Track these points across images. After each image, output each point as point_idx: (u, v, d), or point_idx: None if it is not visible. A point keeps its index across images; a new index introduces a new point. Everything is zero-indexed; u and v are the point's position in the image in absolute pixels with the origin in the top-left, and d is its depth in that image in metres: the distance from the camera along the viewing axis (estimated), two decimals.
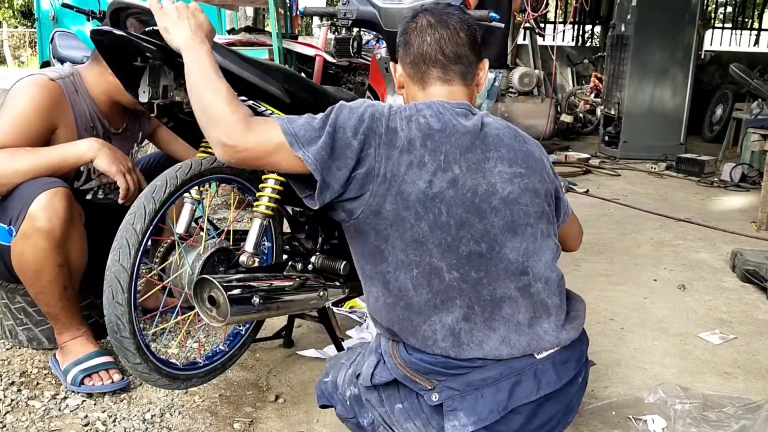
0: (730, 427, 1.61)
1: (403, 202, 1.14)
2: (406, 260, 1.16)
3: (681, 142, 5.84)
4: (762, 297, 2.57)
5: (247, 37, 3.66)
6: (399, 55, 1.34)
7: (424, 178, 1.14)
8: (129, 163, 1.78)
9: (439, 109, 1.21)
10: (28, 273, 1.68)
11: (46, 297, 1.72)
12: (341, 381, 1.34)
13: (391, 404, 1.25)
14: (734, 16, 12.08)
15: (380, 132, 1.16)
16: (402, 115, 1.19)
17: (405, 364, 1.20)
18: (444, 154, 1.16)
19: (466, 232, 1.15)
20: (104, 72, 1.85)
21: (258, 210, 1.59)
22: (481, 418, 1.14)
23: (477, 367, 1.17)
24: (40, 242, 1.64)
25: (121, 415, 1.66)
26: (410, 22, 1.33)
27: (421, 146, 1.16)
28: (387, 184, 1.14)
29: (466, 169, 1.17)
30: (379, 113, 1.18)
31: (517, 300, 1.18)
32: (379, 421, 1.27)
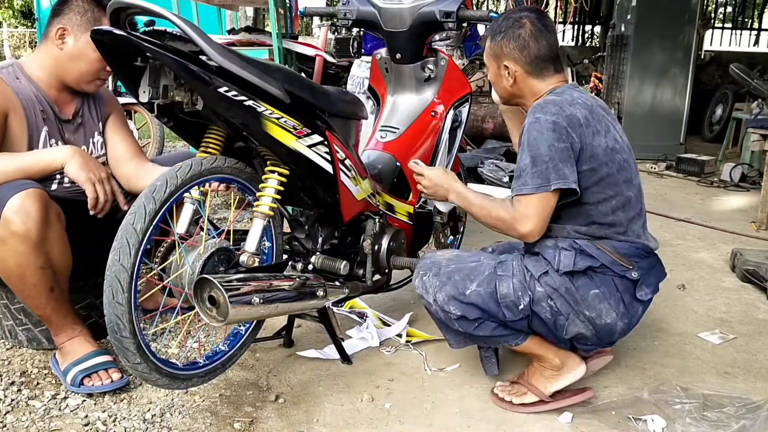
0: (729, 427, 1.61)
1: (597, 160, 1.63)
2: (605, 197, 1.65)
3: (681, 142, 5.84)
4: (762, 297, 2.57)
5: (247, 37, 3.67)
6: (512, 54, 1.71)
7: (602, 140, 1.64)
8: (103, 173, 1.76)
9: (580, 93, 1.70)
10: (11, 278, 1.67)
11: (34, 300, 1.71)
12: (508, 290, 1.64)
13: (585, 292, 1.63)
14: (734, 16, 12.08)
15: (565, 125, 1.60)
16: (567, 105, 1.63)
17: (614, 251, 1.65)
18: (602, 121, 1.66)
19: (632, 171, 1.70)
20: (50, 48, 1.84)
21: (258, 210, 1.59)
22: (654, 288, 1.70)
23: (652, 255, 1.72)
24: (18, 246, 1.61)
25: (121, 414, 1.66)
26: (517, 27, 1.71)
27: (592, 119, 1.64)
28: (585, 154, 1.62)
29: (614, 128, 1.70)
30: (554, 120, 1.60)
31: (644, 213, 1.76)
32: (568, 309, 1.63)
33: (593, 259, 1.62)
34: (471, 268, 1.69)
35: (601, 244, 1.65)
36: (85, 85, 1.89)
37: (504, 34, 1.72)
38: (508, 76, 1.74)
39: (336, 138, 1.69)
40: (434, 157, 2.26)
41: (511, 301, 1.64)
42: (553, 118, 1.60)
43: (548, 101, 1.65)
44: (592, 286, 1.63)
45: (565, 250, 1.63)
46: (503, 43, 1.72)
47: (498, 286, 1.65)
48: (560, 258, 1.62)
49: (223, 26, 4.77)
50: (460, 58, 5.26)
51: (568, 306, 1.62)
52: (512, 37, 1.71)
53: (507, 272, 1.66)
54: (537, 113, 1.63)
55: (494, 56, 1.76)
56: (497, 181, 4.32)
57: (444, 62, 2.26)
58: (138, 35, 1.33)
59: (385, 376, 1.91)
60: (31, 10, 12.85)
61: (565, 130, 1.59)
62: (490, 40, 1.76)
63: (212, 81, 1.36)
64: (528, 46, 1.70)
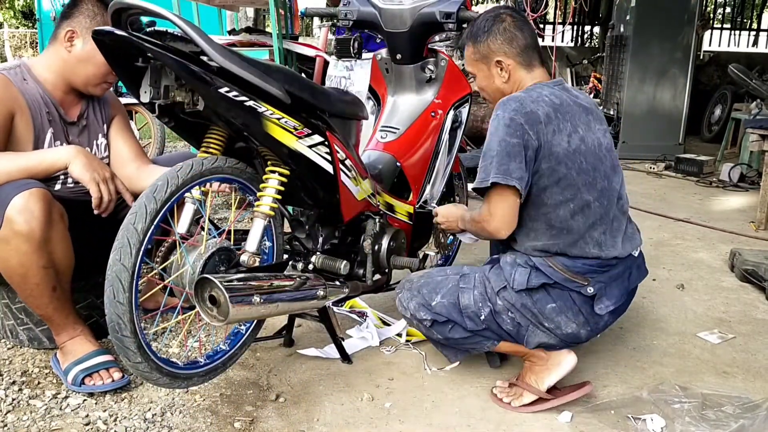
0: (728, 426, 1.62)
1: (555, 159, 1.62)
2: (563, 199, 1.64)
3: (680, 142, 5.84)
4: (760, 297, 2.58)
5: (248, 37, 3.67)
6: (502, 49, 1.72)
7: (563, 139, 1.63)
8: (107, 173, 1.76)
9: (552, 90, 1.69)
10: (14, 277, 1.67)
11: (36, 300, 1.71)
12: (469, 302, 1.72)
13: (542, 306, 1.67)
14: (733, 17, 12.10)
15: (521, 122, 1.60)
16: (529, 102, 1.62)
17: (566, 269, 1.67)
18: (569, 121, 1.65)
19: (598, 174, 1.67)
20: (58, 50, 1.84)
21: (259, 210, 1.60)
22: (616, 299, 1.70)
23: (613, 265, 1.69)
24: (21, 246, 1.62)
25: (122, 414, 1.66)
26: (498, 22, 1.72)
27: (555, 118, 1.63)
28: (543, 151, 1.61)
29: (585, 129, 1.67)
30: (511, 116, 1.60)
31: (620, 216, 1.73)
32: (527, 321, 1.69)
33: (547, 276, 1.67)
34: (437, 282, 1.78)
35: (554, 261, 1.67)
36: (92, 88, 1.90)
37: (488, 32, 1.72)
38: (502, 72, 1.74)
39: (336, 138, 1.70)
40: (434, 157, 2.27)
41: (473, 311, 1.72)
42: (510, 114, 1.60)
43: (512, 98, 1.65)
44: (549, 300, 1.68)
45: (521, 267, 1.69)
46: (490, 41, 1.72)
47: (460, 298, 1.73)
48: (515, 276, 1.68)
49: (224, 27, 4.77)
50: (460, 58, 5.25)
51: (527, 319, 1.70)
52: (498, 32, 1.71)
53: (468, 285, 1.74)
54: (498, 110, 1.64)
55: (482, 58, 1.75)
56: None
57: (444, 63, 2.27)
58: (139, 36, 1.34)
59: (385, 375, 1.91)
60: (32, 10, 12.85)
61: (521, 127, 1.59)
62: (473, 43, 1.75)
63: (213, 81, 1.36)
64: (516, 36, 1.71)
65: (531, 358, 1.79)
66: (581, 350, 2.09)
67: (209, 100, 1.42)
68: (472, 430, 1.65)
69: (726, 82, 7.38)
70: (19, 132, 1.78)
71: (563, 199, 1.64)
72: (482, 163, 1.64)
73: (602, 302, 1.68)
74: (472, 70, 1.81)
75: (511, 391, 1.79)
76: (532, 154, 1.60)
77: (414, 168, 2.22)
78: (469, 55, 1.78)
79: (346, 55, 2.19)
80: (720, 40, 11.69)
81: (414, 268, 2.16)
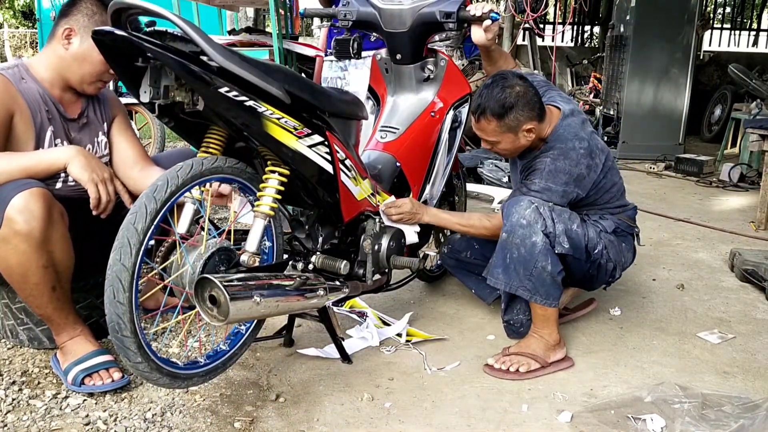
0: (728, 426, 1.62)
1: (605, 168, 2.07)
2: (611, 184, 2.13)
3: (680, 142, 5.84)
4: (760, 297, 2.58)
5: (248, 37, 3.67)
6: (529, 117, 1.90)
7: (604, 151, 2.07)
8: (106, 174, 1.76)
9: (578, 119, 2.06)
10: (13, 277, 1.67)
11: (35, 299, 1.71)
12: (593, 235, 2.01)
13: (619, 245, 2.12)
14: (733, 17, 12.10)
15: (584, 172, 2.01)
16: (593, 145, 2.02)
17: (627, 218, 2.18)
18: (598, 145, 2.06)
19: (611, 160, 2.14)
20: (56, 47, 1.84)
21: (259, 210, 1.60)
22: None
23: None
24: (21, 245, 1.61)
25: (122, 414, 1.66)
26: (516, 93, 1.89)
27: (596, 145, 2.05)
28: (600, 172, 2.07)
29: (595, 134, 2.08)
30: (587, 164, 1.99)
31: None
32: (615, 256, 2.10)
33: (617, 224, 2.11)
34: (570, 212, 1.98)
35: (618, 215, 2.14)
36: (87, 87, 1.89)
37: (515, 107, 1.88)
38: (527, 135, 1.94)
39: (336, 138, 1.70)
40: (434, 157, 2.27)
41: (594, 244, 2.01)
42: (562, 189, 1.95)
43: (559, 170, 1.94)
44: (623, 241, 2.13)
45: (602, 219, 2.09)
46: (518, 115, 1.89)
47: (588, 230, 2.00)
48: (604, 224, 2.08)
49: (224, 27, 4.77)
50: (460, 58, 5.26)
51: (615, 253, 2.09)
52: (520, 102, 1.88)
53: (589, 222, 2.05)
54: (549, 182, 1.94)
55: (510, 129, 1.92)
56: (497, 181, 4.33)
57: (444, 63, 2.27)
58: (139, 35, 1.34)
59: (385, 375, 1.91)
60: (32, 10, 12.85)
61: (574, 193, 1.99)
62: (498, 120, 1.90)
63: (213, 81, 1.36)
64: (533, 101, 1.91)
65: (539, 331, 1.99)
66: (581, 350, 2.10)
67: (209, 100, 1.42)
68: (472, 430, 1.65)
69: (726, 82, 7.39)
70: (19, 132, 1.78)
71: (613, 184, 2.12)
72: (548, 190, 1.94)
73: (639, 238, 2.23)
74: (496, 139, 1.97)
75: (513, 359, 1.91)
76: (578, 200, 2.03)
77: (414, 168, 2.22)
78: (494, 129, 1.93)
79: (345, 56, 2.19)
80: (720, 40, 11.69)
81: (414, 268, 2.16)
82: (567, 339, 2.10)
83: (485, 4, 2.04)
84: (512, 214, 1.91)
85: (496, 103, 1.89)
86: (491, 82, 1.92)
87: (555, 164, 1.94)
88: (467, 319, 2.32)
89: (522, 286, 1.92)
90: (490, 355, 2.01)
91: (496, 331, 2.21)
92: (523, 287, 1.92)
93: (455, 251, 2.32)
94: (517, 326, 2.11)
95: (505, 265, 1.93)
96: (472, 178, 4.42)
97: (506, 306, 2.11)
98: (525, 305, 2.06)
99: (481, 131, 1.98)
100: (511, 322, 2.12)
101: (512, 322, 2.12)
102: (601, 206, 2.10)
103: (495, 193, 4.05)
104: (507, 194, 3.97)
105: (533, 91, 1.92)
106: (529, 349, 1.97)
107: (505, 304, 2.11)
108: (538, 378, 1.90)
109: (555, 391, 1.83)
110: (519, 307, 2.10)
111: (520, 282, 1.91)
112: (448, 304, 2.44)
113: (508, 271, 1.93)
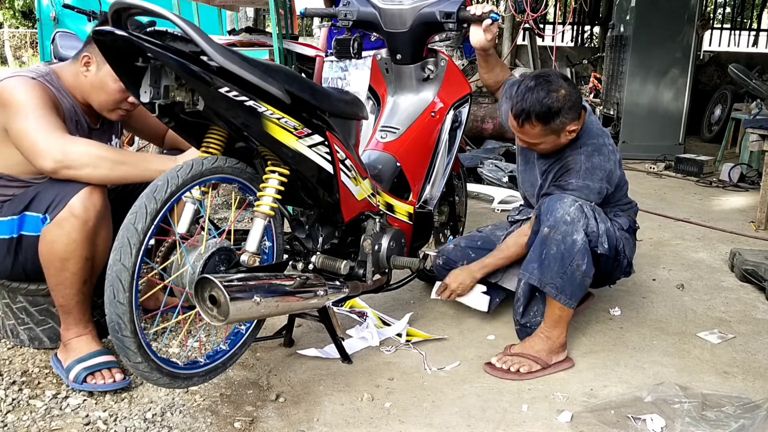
0: (728, 427, 1.62)
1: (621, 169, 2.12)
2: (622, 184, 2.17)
3: (680, 142, 5.84)
4: (760, 297, 2.58)
5: (248, 37, 3.67)
6: (572, 118, 1.91)
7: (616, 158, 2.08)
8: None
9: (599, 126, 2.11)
10: (54, 261, 1.70)
11: (65, 289, 1.74)
12: (617, 234, 2.02)
13: (631, 241, 2.15)
14: (733, 17, 12.10)
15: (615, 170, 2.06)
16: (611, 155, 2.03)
17: (634, 214, 2.23)
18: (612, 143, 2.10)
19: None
20: (79, 74, 1.88)
21: (259, 210, 1.60)
22: None
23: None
24: (73, 233, 1.68)
25: (122, 414, 1.66)
26: (562, 96, 1.88)
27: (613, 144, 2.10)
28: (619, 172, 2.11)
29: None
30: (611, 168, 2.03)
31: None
32: (630, 252, 2.12)
33: (628, 222, 2.14)
34: (603, 212, 1.98)
35: (628, 211, 2.19)
36: (107, 113, 1.94)
37: (561, 112, 1.87)
38: (570, 135, 1.95)
39: (336, 138, 1.70)
40: (434, 157, 2.27)
41: (620, 244, 2.02)
42: (598, 186, 1.98)
43: (596, 167, 1.97)
44: (632, 237, 2.15)
45: (618, 216, 2.12)
46: (564, 119, 1.89)
47: (614, 230, 1.99)
48: (620, 221, 2.10)
49: (224, 27, 4.76)
50: (460, 58, 5.27)
51: (629, 250, 2.11)
52: (567, 107, 1.88)
53: (611, 222, 2.04)
54: (587, 180, 1.97)
55: (553, 132, 1.93)
56: (496, 181, 4.33)
57: (444, 63, 2.27)
58: (139, 35, 1.34)
59: (385, 375, 1.92)
60: (32, 10, 12.84)
61: (606, 190, 2.01)
62: (544, 125, 1.89)
63: (213, 81, 1.36)
64: (577, 102, 1.92)
65: (549, 333, 1.98)
66: (581, 350, 2.10)
67: (209, 100, 1.42)
68: (472, 430, 1.66)
69: (726, 82, 7.38)
70: None
71: (623, 184, 2.17)
72: (586, 188, 1.96)
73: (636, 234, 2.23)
74: (538, 141, 1.96)
75: (515, 360, 1.91)
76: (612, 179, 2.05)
77: (414, 168, 2.22)
78: (538, 132, 1.92)
79: (345, 55, 2.19)
80: (720, 40, 11.69)
81: (414, 268, 2.16)
82: (567, 339, 2.10)
83: (485, 5, 2.04)
84: (556, 210, 1.88)
85: (542, 108, 1.85)
86: (534, 84, 1.87)
87: (591, 161, 1.95)
88: (467, 319, 2.32)
89: (552, 283, 1.89)
90: (490, 355, 2.01)
91: (496, 331, 2.22)
92: (553, 284, 1.89)
93: (450, 261, 2.28)
94: (533, 329, 2.04)
95: (540, 260, 1.90)
96: (472, 178, 4.42)
97: (524, 308, 2.07)
98: (542, 307, 2.02)
99: (523, 134, 1.95)
100: (528, 325, 2.07)
101: (529, 325, 2.07)
102: (614, 203, 2.12)
103: (495, 193, 4.05)
104: (507, 194, 3.99)
105: (576, 92, 1.91)
106: (533, 350, 1.95)
107: (523, 307, 2.07)
108: (538, 378, 1.91)
109: (555, 391, 1.84)
110: (537, 309, 2.06)
111: (552, 278, 1.88)
112: (448, 304, 2.44)
113: (542, 266, 1.89)
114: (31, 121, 1.70)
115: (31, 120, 1.70)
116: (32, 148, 1.69)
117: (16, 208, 1.78)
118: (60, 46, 3.26)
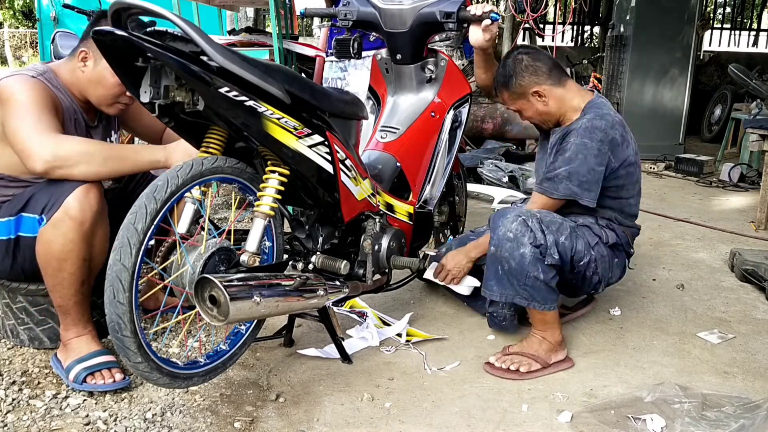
0: (729, 427, 1.62)
1: (631, 165, 2.05)
2: (634, 192, 2.12)
3: (680, 142, 5.84)
4: (760, 296, 2.58)
5: (248, 37, 3.67)
6: (532, 81, 2.00)
7: (632, 147, 2.07)
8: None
9: (608, 104, 2.10)
10: (51, 262, 1.70)
11: (63, 290, 1.74)
12: (581, 247, 1.95)
13: (611, 259, 2.05)
14: (733, 17, 12.10)
15: (607, 150, 1.98)
16: (609, 129, 1.97)
17: (631, 234, 2.13)
18: (629, 131, 2.11)
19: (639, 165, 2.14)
20: (76, 70, 1.88)
21: (259, 210, 1.60)
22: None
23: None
24: (70, 233, 1.67)
25: (122, 414, 1.66)
26: (518, 63, 2.01)
27: (625, 133, 2.06)
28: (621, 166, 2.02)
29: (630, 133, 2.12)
30: (599, 147, 1.95)
31: None
32: (604, 271, 2.04)
33: (619, 238, 2.07)
34: (559, 223, 1.93)
35: (625, 229, 2.11)
36: (106, 108, 1.95)
37: (514, 75, 2.02)
38: (540, 98, 2.03)
39: (336, 138, 1.70)
40: (434, 157, 2.27)
41: (580, 257, 1.96)
42: (598, 146, 1.94)
43: (596, 127, 1.95)
44: (614, 256, 2.08)
45: (608, 228, 2.06)
46: (520, 81, 2.01)
47: (576, 242, 1.94)
48: (607, 234, 2.04)
49: (224, 27, 4.76)
50: (460, 58, 5.26)
51: (604, 269, 2.04)
52: (521, 70, 2.01)
53: (579, 233, 1.97)
54: (585, 138, 1.95)
55: (520, 96, 2.05)
56: (497, 181, 4.33)
57: (444, 63, 2.27)
58: (139, 35, 1.34)
59: (385, 375, 1.92)
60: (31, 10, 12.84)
61: (606, 156, 1.96)
62: (507, 89, 2.05)
63: (213, 81, 1.36)
64: (537, 66, 2.02)
65: (542, 331, 1.98)
66: (581, 350, 2.10)
67: (209, 100, 1.42)
68: (472, 430, 1.66)
69: (726, 82, 7.38)
70: None
71: (635, 192, 2.11)
72: (569, 182, 1.94)
73: (630, 261, 2.19)
74: (515, 107, 2.10)
75: (515, 359, 1.93)
76: (607, 173, 1.98)
77: (414, 168, 2.22)
78: (507, 99, 2.08)
79: (345, 55, 2.19)
80: (720, 40, 11.70)
81: (414, 268, 2.16)
82: (567, 339, 2.10)
83: (485, 5, 2.04)
84: (498, 228, 1.91)
85: (501, 75, 2.05)
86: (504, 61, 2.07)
87: (592, 122, 1.97)
88: (467, 319, 2.32)
89: (518, 295, 1.91)
90: (490, 354, 2.01)
91: (496, 331, 2.22)
92: (519, 296, 1.91)
93: None
94: (500, 320, 2.10)
95: (497, 278, 1.92)
96: (472, 178, 4.42)
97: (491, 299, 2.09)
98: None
99: (504, 104, 2.14)
100: (494, 315, 2.10)
101: (496, 315, 2.10)
102: (618, 209, 2.09)
103: (495, 193, 4.05)
104: (507, 194, 4.00)
105: (541, 58, 2.03)
106: (530, 349, 1.97)
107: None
108: (538, 378, 1.91)
109: (555, 391, 1.84)
110: (503, 302, 2.06)
111: (516, 292, 1.90)
112: (448, 304, 2.44)
113: (501, 283, 1.92)
114: (24, 121, 1.70)
115: (26, 120, 1.70)
116: (23, 149, 1.69)
117: (13, 209, 1.78)
118: (60, 46, 3.26)
